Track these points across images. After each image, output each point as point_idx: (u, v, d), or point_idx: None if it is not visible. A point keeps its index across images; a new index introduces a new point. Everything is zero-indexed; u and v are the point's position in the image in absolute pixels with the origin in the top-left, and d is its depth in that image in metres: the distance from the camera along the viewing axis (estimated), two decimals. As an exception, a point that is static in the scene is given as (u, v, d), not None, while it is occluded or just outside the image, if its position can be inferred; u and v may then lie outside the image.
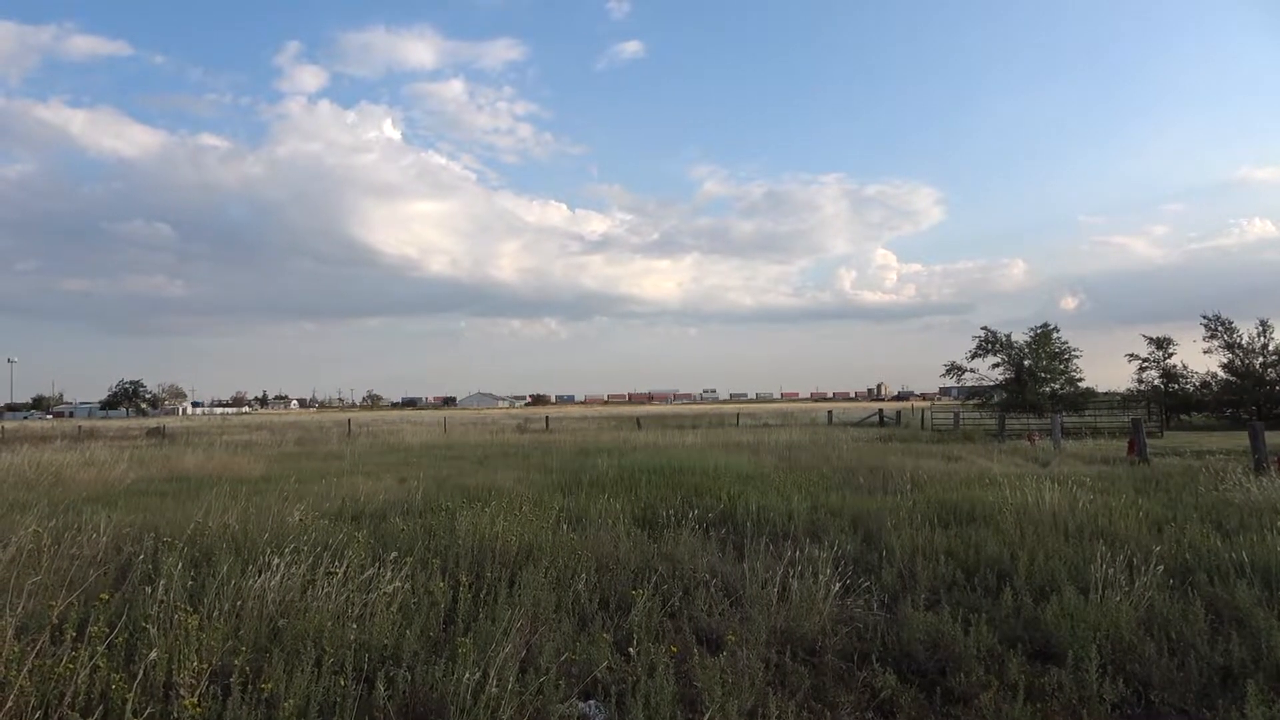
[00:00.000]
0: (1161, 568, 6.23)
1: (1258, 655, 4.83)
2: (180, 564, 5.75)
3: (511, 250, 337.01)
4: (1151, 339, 44.62)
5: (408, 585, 5.64)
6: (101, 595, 4.65)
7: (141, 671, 3.84)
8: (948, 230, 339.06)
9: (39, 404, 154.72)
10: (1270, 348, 40.52)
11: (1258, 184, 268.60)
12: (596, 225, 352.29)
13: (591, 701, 4.32)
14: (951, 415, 36.26)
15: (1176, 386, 42.93)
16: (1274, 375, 39.81)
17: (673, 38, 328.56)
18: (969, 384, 46.65)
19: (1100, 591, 5.75)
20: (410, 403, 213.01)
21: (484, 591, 5.74)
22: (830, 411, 52.00)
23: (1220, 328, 41.91)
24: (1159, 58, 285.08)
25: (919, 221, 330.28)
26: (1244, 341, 41.21)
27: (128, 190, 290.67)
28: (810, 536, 8.32)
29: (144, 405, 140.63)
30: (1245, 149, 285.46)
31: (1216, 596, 5.91)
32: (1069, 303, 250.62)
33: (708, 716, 3.84)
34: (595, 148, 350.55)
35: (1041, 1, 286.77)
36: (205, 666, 4.05)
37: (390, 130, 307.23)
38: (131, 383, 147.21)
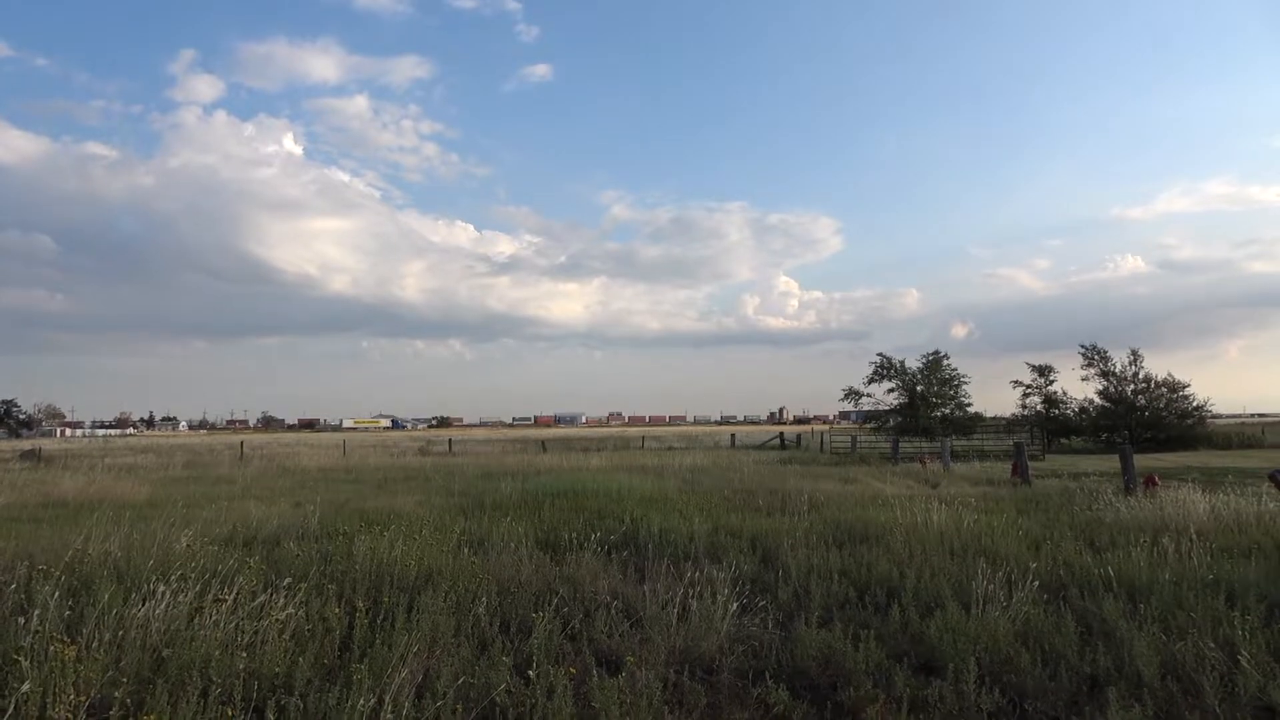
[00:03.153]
0: (1037, 583, 6.57)
1: (1121, 664, 5.14)
2: (57, 593, 5.47)
3: (416, 270, 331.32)
4: (1035, 366, 46.73)
5: (302, 612, 5.51)
6: (-32, 627, 4.41)
7: (12, 705, 3.66)
8: (847, 259, 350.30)
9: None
10: (1140, 376, 43.21)
11: (1130, 223, 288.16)
12: (504, 247, 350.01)
13: (489, 725, 4.31)
14: (849, 439, 37.30)
15: (1057, 412, 45.07)
16: (1144, 402, 42.41)
17: (582, 63, 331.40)
18: (866, 408, 48.01)
19: (981, 606, 6.05)
20: (308, 425, 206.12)
21: (381, 617, 5.66)
22: (733, 435, 52.81)
23: (1096, 357, 44.41)
24: (1037, 99, 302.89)
25: (820, 250, 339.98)
26: (1117, 370, 43.81)
27: (2, 198, 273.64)
28: (710, 557, 8.46)
29: (17, 426, 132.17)
30: (1118, 189, 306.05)
31: (1087, 610, 6.26)
32: (959, 330, 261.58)
33: (603, 735, 3.88)
34: (503, 169, 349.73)
35: (930, 42, 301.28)
36: (83, 699, 3.89)
37: (291, 145, 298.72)
38: (3, 402, 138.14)
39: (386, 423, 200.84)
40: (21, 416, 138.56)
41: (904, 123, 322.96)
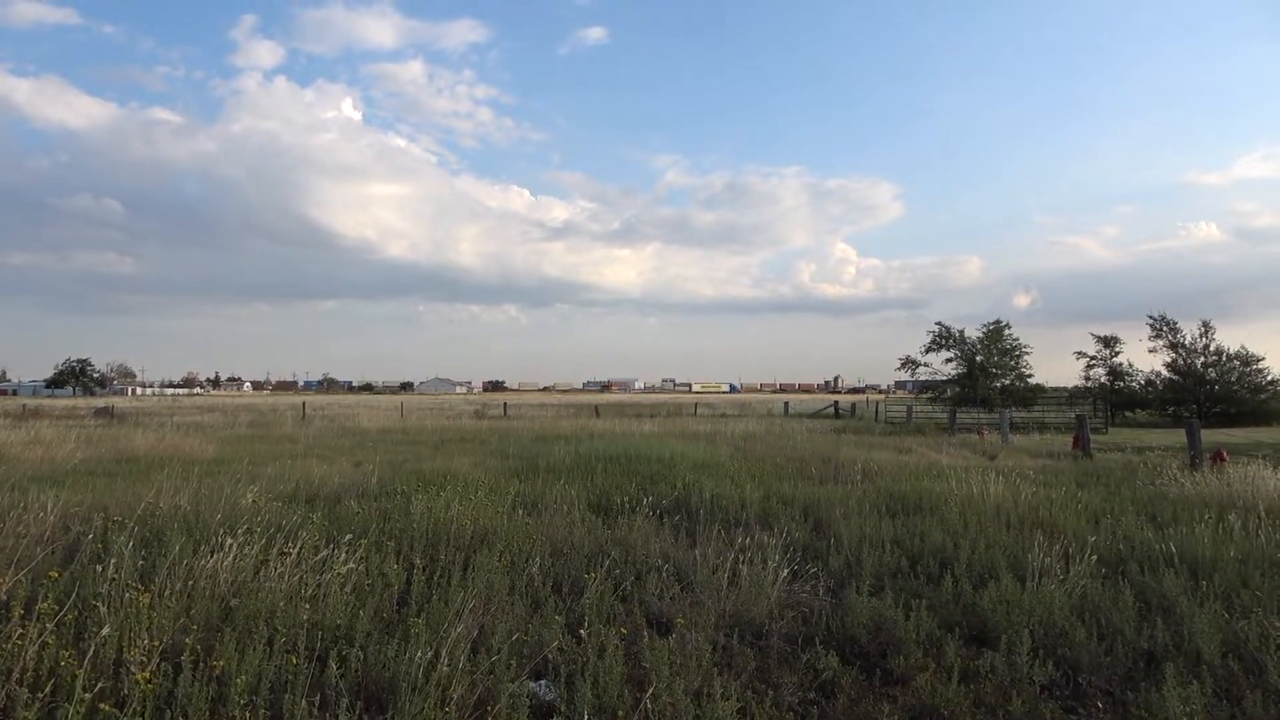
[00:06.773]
0: (1096, 557, 6.46)
1: (1180, 641, 5.05)
2: (131, 543, 5.70)
3: (472, 235, 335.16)
4: (1100, 337, 45.72)
5: (361, 567, 5.66)
6: (50, 573, 4.63)
7: (92, 648, 3.84)
8: (907, 226, 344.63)
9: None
10: (1211, 348, 41.91)
11: (1204, 188, 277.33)
12: (558, 212, 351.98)
13: (542, 681, 4.40)
14: (905, 409, 36.85)
15: (1122, 384, 44.06)
16: (1214, 375, 41.08)
17: (637, 25, 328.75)
18: (923, 378, 47.39)
19: (1037, 579, 5.97)
20: (367, 387, 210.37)
21: (438, 574, 5.78)
22: (787, 403, 52.56)
23: (1165, 328, 43.15)
24: (1112, 62, 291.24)
25: (878, 216, 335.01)
26: (1187, 342, 42.56)
27: (74, 164, 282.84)
28: (762, 524, 8.47)
29: (91, 384, 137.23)
30: (1194, 154, 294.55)
31: (1146, 585, 6.13)
32: (1022, 300, 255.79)
33: (651, 692, 3.93)
34: (557, 134, 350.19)
35: (999, 6, 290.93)
36: (156, 644, 4.07)
37: (350, 110, 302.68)
38: (79, 361, 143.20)
39: (725, 387, 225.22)
40: (95, 375, 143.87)
41: (969, 86, 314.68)
